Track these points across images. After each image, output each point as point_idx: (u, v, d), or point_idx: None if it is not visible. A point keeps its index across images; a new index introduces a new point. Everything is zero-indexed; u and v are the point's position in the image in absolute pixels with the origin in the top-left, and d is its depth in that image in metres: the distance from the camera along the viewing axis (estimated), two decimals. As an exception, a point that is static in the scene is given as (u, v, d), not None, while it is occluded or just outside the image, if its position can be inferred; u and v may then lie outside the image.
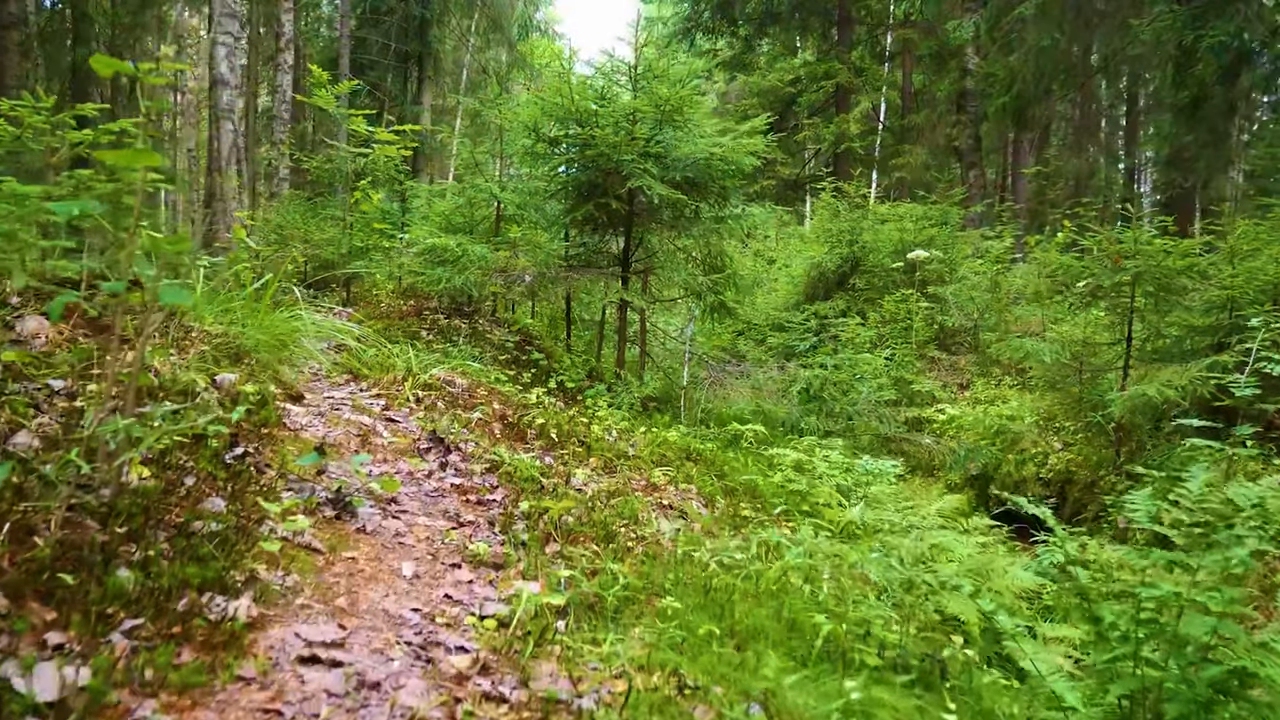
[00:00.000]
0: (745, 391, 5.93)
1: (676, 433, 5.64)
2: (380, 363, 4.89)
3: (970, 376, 10.46)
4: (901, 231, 11.65)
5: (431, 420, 3.98)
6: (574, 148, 6.48)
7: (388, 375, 4.65)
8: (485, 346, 6.40)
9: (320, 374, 4.77)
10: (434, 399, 4.34)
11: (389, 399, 4.29)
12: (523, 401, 5.01)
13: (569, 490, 3.72)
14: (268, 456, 3.05)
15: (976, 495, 8.38)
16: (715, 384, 6.03)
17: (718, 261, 8.13)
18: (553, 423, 4.79)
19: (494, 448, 3.87)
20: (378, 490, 2.97)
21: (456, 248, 6.17)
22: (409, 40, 21.31)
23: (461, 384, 4.76)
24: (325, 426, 3.56)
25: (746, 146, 6.55)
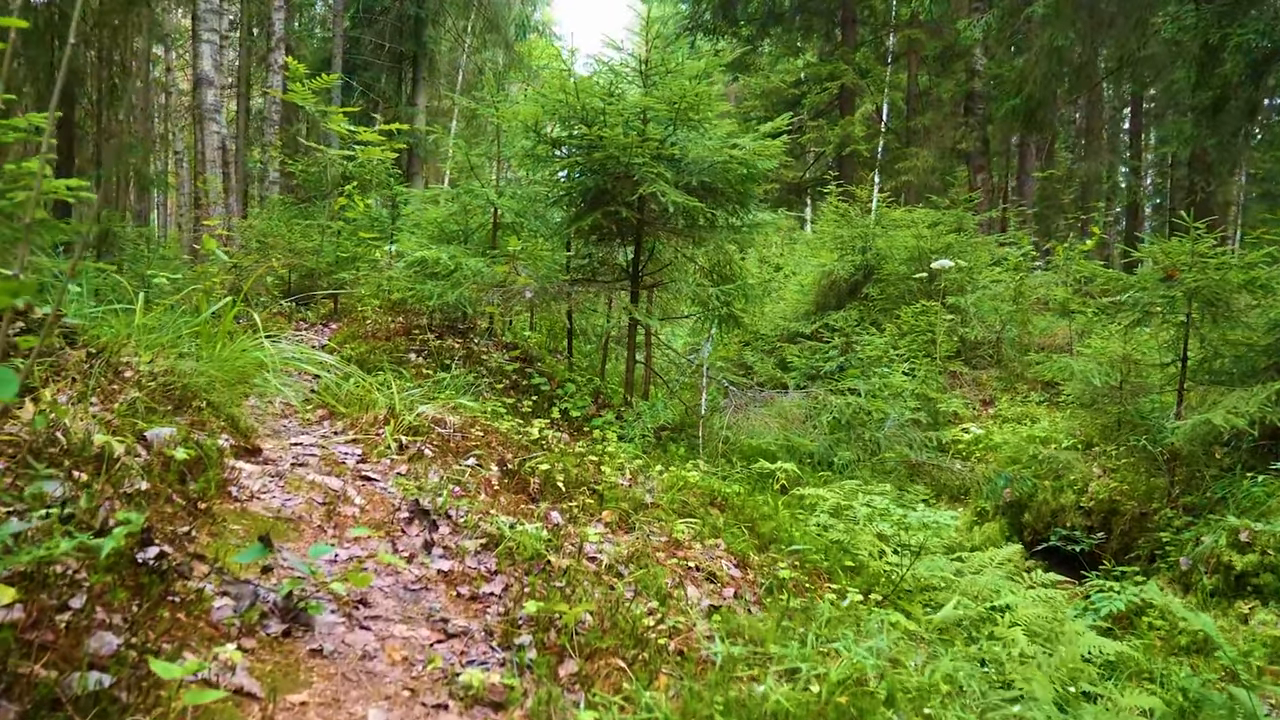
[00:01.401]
0: (769, 420, 5.24)
1: (696, 471, 4.95)
2: (360, 398, 4.18)
3: (993, 392, 9.79)
4: (917, 238, 10.98)
5: (416, 477, 3.28)
6: (579, 149, 5.79)
7: (368, 414, 3.95)
8: (481, 371, 5.69)
9: (290, 413, 4.07)
10: (420, 446, 3.63)
11: (367, 447, 3.58)
12: (524, 441, 4.31)
13: (582, 564, 3.03)
14: (201, 544, 2.35)
15: (1009, 524, 7.72)
16: (736, 410, 5.33)
17: (726, 270, 7.45)
18: (559, 467, 4.10)
19: (491, 511, 3.17)
20: (341, 592, 2.27)
21: (449, 261, 5.47)
22: (403, 40, 20.58)
23: (453, 422, 4.06)
24: (284, 492, 2.86)
25: (768, 149, 5.86)
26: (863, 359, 6.57)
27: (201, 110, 12.86)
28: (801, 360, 6.99)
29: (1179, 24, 12.18)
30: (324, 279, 8.05)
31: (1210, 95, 12.57)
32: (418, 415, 3.92)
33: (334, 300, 8.53)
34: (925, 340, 9.43)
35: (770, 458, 5.35)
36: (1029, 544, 7.66)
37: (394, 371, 5.18)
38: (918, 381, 7.98)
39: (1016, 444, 8.20)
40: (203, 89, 12.93)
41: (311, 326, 7.08)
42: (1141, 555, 6.32)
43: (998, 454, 8.43)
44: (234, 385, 3.81)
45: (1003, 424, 9.02)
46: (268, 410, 4.16)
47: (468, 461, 3.78)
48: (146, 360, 3.32)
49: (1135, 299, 6.42)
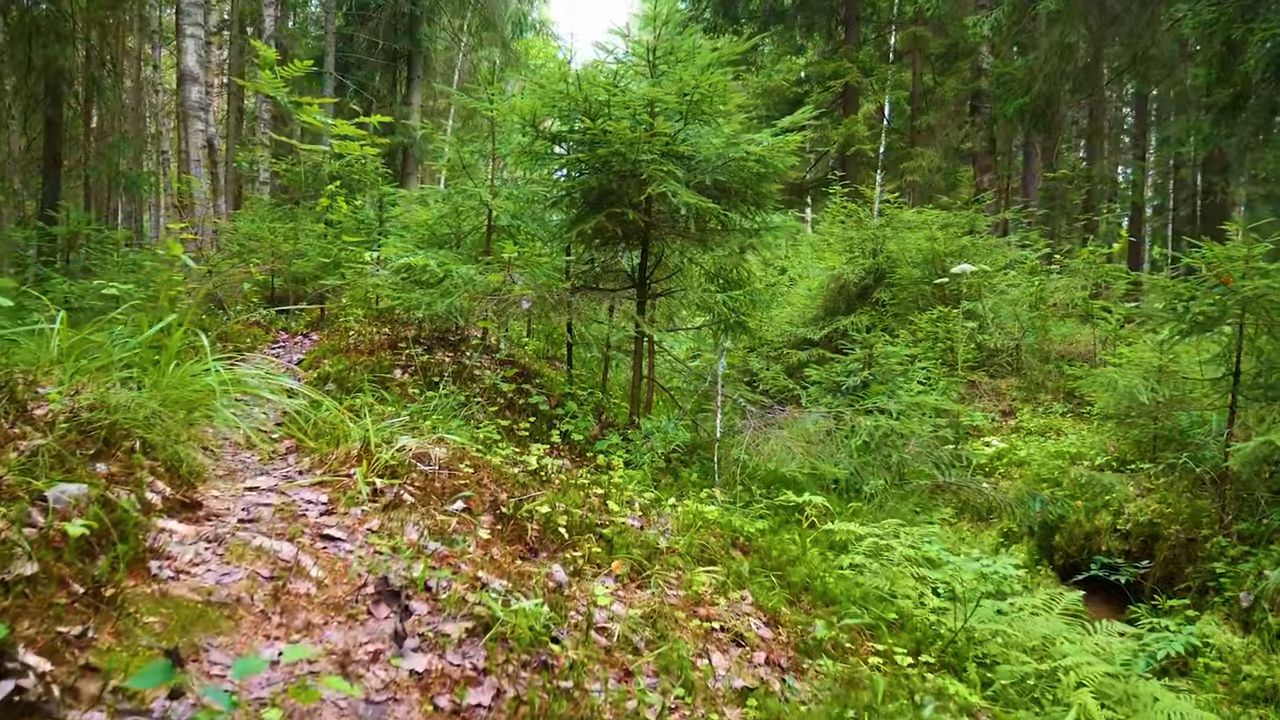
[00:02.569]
0: (792, 444, 4.67)
1: (713, 505, 4.38)
2: (333, 428, 3.60)
3: (1014, 402, 9.24)
4: (930, 240, 10.42)
5: (390, 534, 2.70)
6: (581, 146, 5.21)
7: (339, 449, 3.37)
8: (473, 389, 5.11)
9: (249, 449, 3.49)
10: (398, 490, 3.05)
11: (335, 492, 3.00)
12: (520, 476, 3.73)
13: (591, 646, 2.46)
14: (100, 648, 1.77)
15: (1038, 546, 7.17)
16: (754, 430, 4.76)
17: (733, 275, 6.88)
18: (560, 508, 3.52)
19: (480, 575, 2.59)
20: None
21: (438, 267, 4.88)
22: (398, 38, 19.96)
23: (439, 456, 3.48)
24: (222, 563, 2.28)
25: (786, 144, 5.29)
26: (887, 373, 6.00)
27: (185, 108, 12.23)
28: (821, 374, 6.41)
29: (1199, 19, 11.64)
30: (311, 285, 7.46)
31: (1230, 93, 12.04)
32: (398, 450, 3.34)
33: (321, 307, 7.94)
34: (943, 348, 8.88)
35: (793, 486, 4.78)
36: (1061, 568, 7.10)
37: (376, 392, 4.60)
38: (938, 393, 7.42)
39: (1044, 460, 7.65)
40: (186, 85, 12.31)
41: (293, 337, 6.49)
42: (1191, 587, 5.76)
43: (1024, 470, 7.87)
44: (183, 418, 3.23)
45: (1026, 437, 8.47)
46: (226, 444, 3.58)
47: (455, 506, 3.20)
48: (66, 394, 2.74)
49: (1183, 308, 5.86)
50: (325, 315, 6.82)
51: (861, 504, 4.91)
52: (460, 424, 4.38)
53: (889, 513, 4.99)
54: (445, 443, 3.63)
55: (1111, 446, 7.36)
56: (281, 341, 6.18)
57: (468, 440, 4.12)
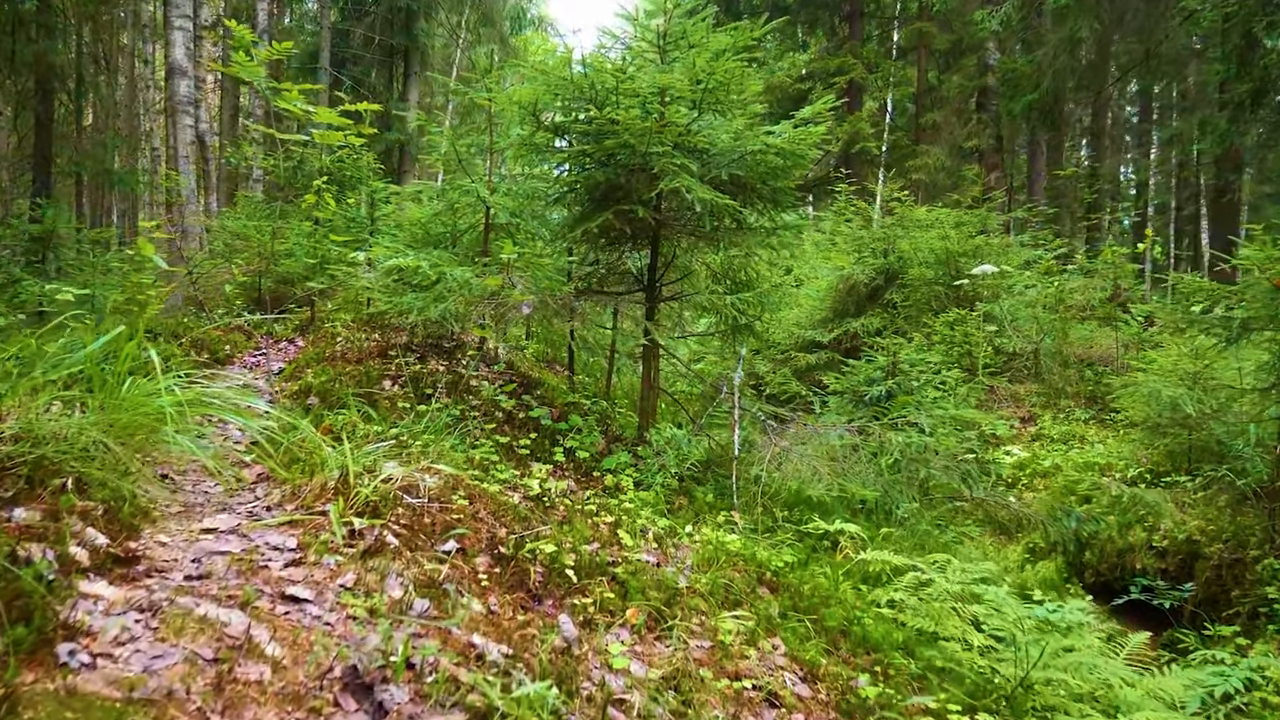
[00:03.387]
0: (818, 463, 4.22)
1: (734, 531, 3.94)
2: (309, 454, 3.15)
3: (1033, 409, 8.80)
4: (944, 240, 9.97)
5: (368, 591, 2.25)
6: (586, 137, 4.75)
7: (315, 479, 2.91)
8: (470, 402, 4.66)
9: (215, 478, 3.03)
10: (380, 532, 2.60)
11: (306, 534, 2.55)
12: (521, 507, 3.27)
13: None
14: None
15: (1067, 563, 6.73)
16: (776, 445, 4.31)
17: (741, 276, 6.44)
18: (567, 545, 3.08)
19: (475, 640, 2.14)
20: None
21: (431, 270, 4.43)
22: (394, 34, 19.46)
23: (430, 486, 3.03)
24: (153, 642, 1.82)
25: (808, 136, 4.84)
26: (913, 382, 5.56)
27: (174, 102, 11.73)
28: (842, 384, 5.97)
29: (1219, 11, 11.21)
30: (300, 286, 7.00)
31: (1248, 88, 11.61)
32: (382, 481, 2.88)
33: (311, 310, 7.49)
34: (961, 352, 8.44)
35: (819, 509, 4.34)
36: (1092, 586, 6.67)
37: (362, 407, 4.15)
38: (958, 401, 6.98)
39: (1071, 471, 7.22)
40: (175, 79, 11.80)
41: (277, 343, 6.03)
42: (1240, 612, 5.34)
43: (1048, 482, 7.43)
44: (136, 444, 2.78)
45: (1048, 445, 8.04)
46: (191, 471, 3.13)
47: (447, 546, 2.75)
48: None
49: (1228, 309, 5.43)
50: (315, 318, 6.36)
51: (892, 528, 4.47)
52: (455, 442, 3.93)
53: (921, 537, 4.55)
54: (436, 470, 3.18)
55: (1143, 457, 6.92)
56: (264, 348, 5.73)
57: (462, 462, 3.66)
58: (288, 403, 4.37)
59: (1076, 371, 9.04)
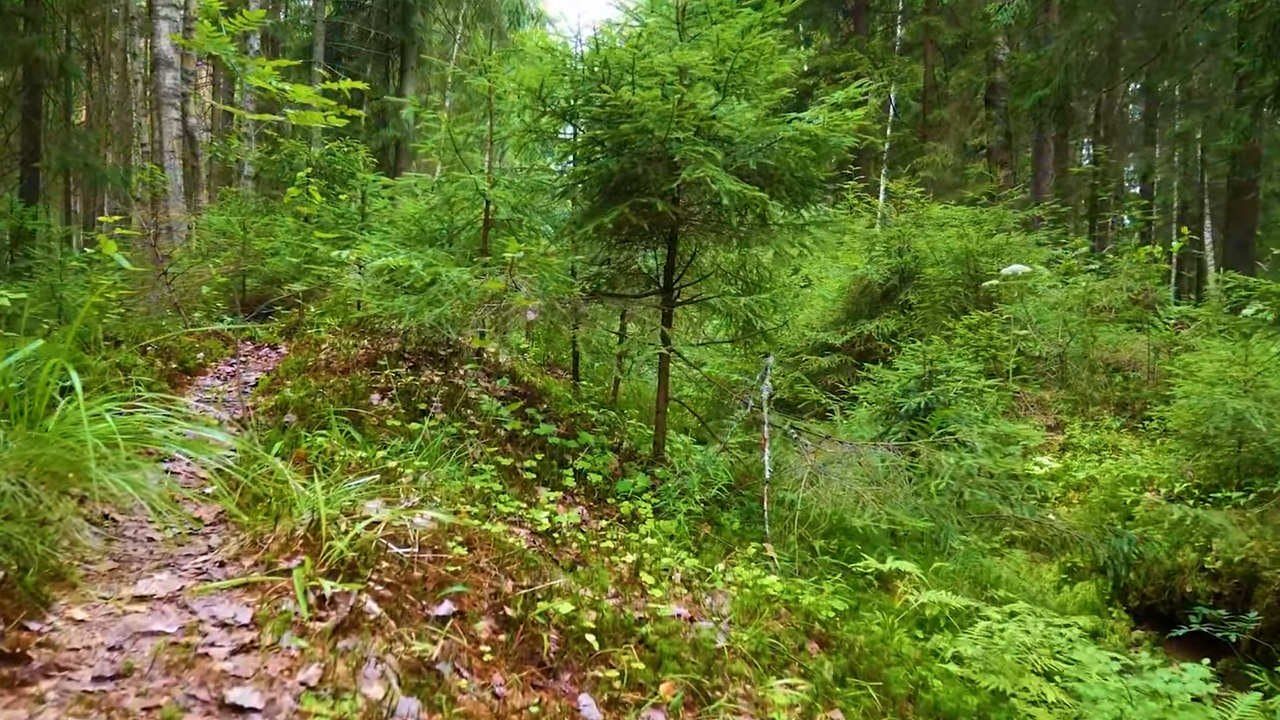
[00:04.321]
0: (859, 486, 3.70)
1: (772, 572, 3.41)
2: (275, 492, 2.61)
3: (1059, 415, 8.29)
4: (962, 238, 9.45)
5: (336, 691, 1.71)
6: (598, 122, 4.21)
7: (280, 525, 2.38)
8: (469, 418, 4.12)
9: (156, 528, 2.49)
10: (358, 598, 2.07)
11: (264, 603, 2.01)
12: (530, 554, 2.74)
13: None
14: None
15: (1108, 584, 6.22)
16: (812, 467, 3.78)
17: (753, 276, 5.92)
18: (587, 599, 2.55)
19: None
20: None
21: (424, 271, 3.89)
22: (390, 28, 18.89)
23: (422, 527, 2.50)
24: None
25: (848, 121, 4.31)
26: (950, 393, 5.03)
27: (159, 94, 11.15)
28: (873, 393, 5.44)
29: (1242, 2, 10.72)
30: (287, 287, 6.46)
31: (1274, 81, 11.11)
32: (364, 528, 2.35)
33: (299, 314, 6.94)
34: (986, 357, 7.93)
35: (860, 539, 3.82)
36: (1136, 611, 6.16)
37: (346, 427, 3.61)
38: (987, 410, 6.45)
39: (1108, 485, 6.71)
40: (161, 71, 11.23)
41: (258, 349, 5.49)
42: (1312, 643, 4.83)
43: (1084, 495, 6.92)
44: (63, 484, 2.24)
45: (1080, 455, 7.53)
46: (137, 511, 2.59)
47: (441, 611, 2.22)
48: None
49: None
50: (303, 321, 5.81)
51: (941, 559, 3.95)
52: (451, 468, 3.39)
53: (973, 569, 4.04)
54: (429, 508, 2.64)
55: (1188, 471, 6.41)
56: (242, 355, 5.18)
57: (459, 493, 3.13)
58: (263, 419, 3.83)
59: (1104, 376, 8.53)
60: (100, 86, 21.63)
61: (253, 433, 3.50)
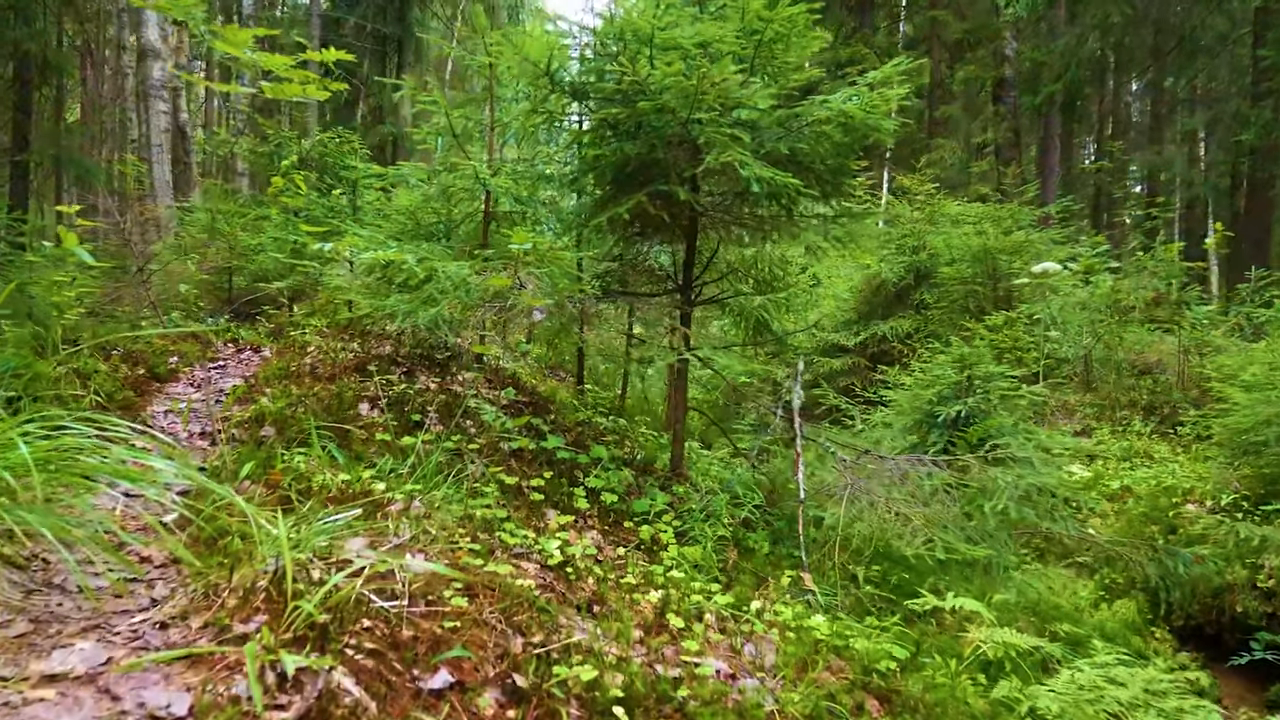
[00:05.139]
0: (906, 507, 3.25)
1: (812, 605, 2.97)
2: (236, 532, 2.15)
3: (1085, 419, 7.87)
4: (981, 235, 9.02)
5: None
6: (612, 101, 3.77)
7: (240, 574, 1.93)
8: (469, 430, 3.67)
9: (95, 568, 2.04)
10: (329, 676, 1.61)
11: (210, 680, 1.57)
12: (542, 601, 2.30)
13: None
14: None
15: (1149, 601, 5.80)
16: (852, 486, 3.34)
17: (766, 274, 5.49)
18: (611, 656, 2.10)
19: None
20: None
21: (418, 266, 3.44)
22: (387, 22, 18.40)
23: (414, 572, 2.05)
24: None
25: (886, 102, 3.87)
26: (991, 401, 4.60)
27: (146, 86, 10.68)
28: (906, 400, 5.00)
29: (1267, -6, 10.31)
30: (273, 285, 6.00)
31: (1299, 75, 10.71)
32: (345, 576, 1.90)
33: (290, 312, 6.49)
34: (1011, 360, 7.49)
35: (907, 567, 3.38)
36: (1180, 631, 5.74)
37: (331, 443, 3.15)
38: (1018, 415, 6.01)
39: (1146, 495, 6.28)
40: (148, 62, 10.76)
41: (240, 352, 5.03)
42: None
43: (1120, 506, 6.48)
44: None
45: (1111, 463, 7.09)
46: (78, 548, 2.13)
47: (435, 684, 1.77)
48: None
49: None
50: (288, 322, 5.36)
51: (994, 587, 3.51)
52: (449, 490, 2.94)
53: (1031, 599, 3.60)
54: (422, 548, 2.20)
55: (1234, 482, 5.99)
56: (223, 359, 4.73)
57: (458, 523, 2.68)
58: (238, 433, 3.38)
59: (1131, 379, 8.11)
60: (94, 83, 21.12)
61: (223, 450, 3.05)
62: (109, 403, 3.43)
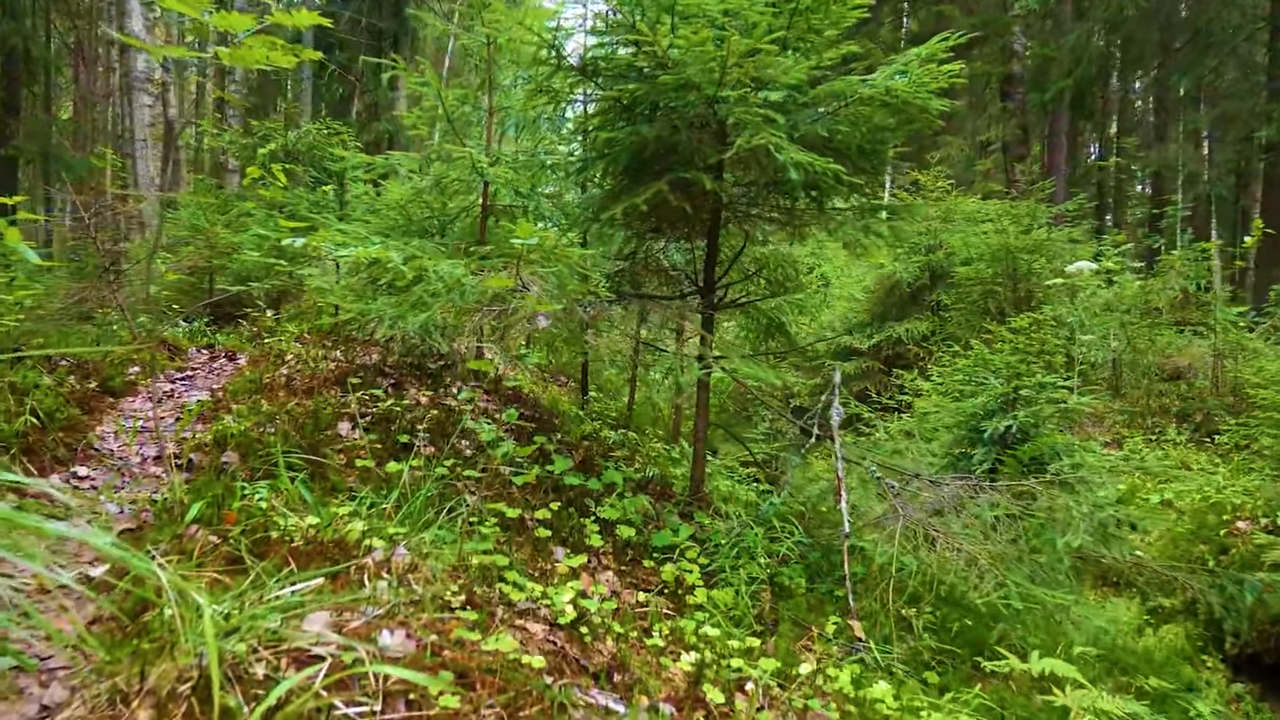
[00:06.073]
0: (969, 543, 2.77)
1: (876, 675, 2.49)
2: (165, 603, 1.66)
3: (1117, 428, 7.40)
4: (1001, 234, 8.55)
5: None
6: (627, 78, 3.28)
7: (156, 676, 1.44)
8: (464, 452, 3.19)
9: None
10: None
11: None
12: (555, 691, 1.81)
13: None
14: None
15: (1199, 626, 5.34)
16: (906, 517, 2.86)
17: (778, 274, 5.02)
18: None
19: None
20: None
21: (406, 266, 2.95)
22: (383, 17, 17.86)
23: (394, 650, 1.56)
24: None
25: (938, 77, 3.40)
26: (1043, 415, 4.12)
27: (130, 79, 10.16)
28: (950, 412, 4.52)
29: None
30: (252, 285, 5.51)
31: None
32: (294, 683, 1.41)
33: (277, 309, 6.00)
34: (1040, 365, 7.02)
35: (973, 614, 2.90)
36: (1235, 660, 5.27)
37: (304, 472, 2.66)
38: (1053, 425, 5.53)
39: (1190, 511, 5.81)
40: (132, 54, 10.24)
41: (212, 360, 4.53)
42: None
43: (1167, 523, 6.02)
44: None
45: (1148, 476, 6.63)
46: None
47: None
48: None
49: None
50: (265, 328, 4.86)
51: (1067, 633, 3.04)
52: (440, 531, 2.46)
53: (1109, 648, 3.13)
54: (406, 619, 1.71)
55: None
56: (192, 368, 4.23)
57: (450, 571, 2.20)
58: (197, 458, 2.89)
59: (1162, 384, 7.65)
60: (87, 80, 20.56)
61: (175, 480, 2.56)
62: (49, 423, 2.94)
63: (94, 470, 2.87)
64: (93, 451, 2.97)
